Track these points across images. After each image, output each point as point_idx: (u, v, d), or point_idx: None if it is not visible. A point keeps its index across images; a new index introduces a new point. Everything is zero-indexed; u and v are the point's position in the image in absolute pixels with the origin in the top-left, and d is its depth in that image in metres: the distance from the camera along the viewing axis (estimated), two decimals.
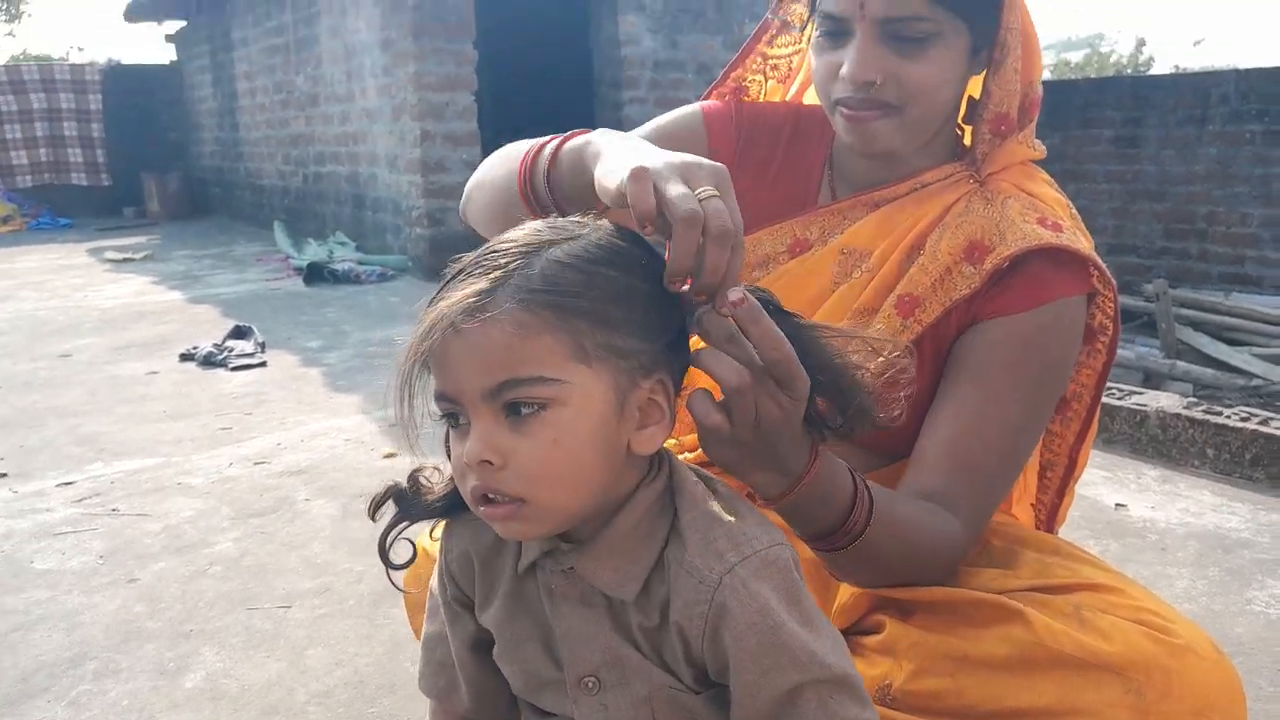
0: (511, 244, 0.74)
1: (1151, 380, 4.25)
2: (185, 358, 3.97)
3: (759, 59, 1.29)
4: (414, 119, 5.94)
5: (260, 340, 4.16)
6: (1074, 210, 1.12)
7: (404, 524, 0.87)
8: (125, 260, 7.17)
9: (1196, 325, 4.90)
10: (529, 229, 0.76)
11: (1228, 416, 2.44)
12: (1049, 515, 1.24)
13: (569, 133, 0.98)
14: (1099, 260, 1.04)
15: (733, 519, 0.77)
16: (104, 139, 10.86)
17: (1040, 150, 1.12)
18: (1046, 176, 1.14)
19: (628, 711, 0.80)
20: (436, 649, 0.92)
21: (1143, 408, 2.56)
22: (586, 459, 0.74)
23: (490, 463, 0.72)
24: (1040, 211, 1.05)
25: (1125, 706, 0.86)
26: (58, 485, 2.56)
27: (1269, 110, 5.47)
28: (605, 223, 0.77)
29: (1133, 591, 0.97)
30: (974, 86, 1.11)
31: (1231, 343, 4.69)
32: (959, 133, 1.15)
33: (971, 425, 1.00)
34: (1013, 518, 1.22)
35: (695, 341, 0.79)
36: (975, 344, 1.03)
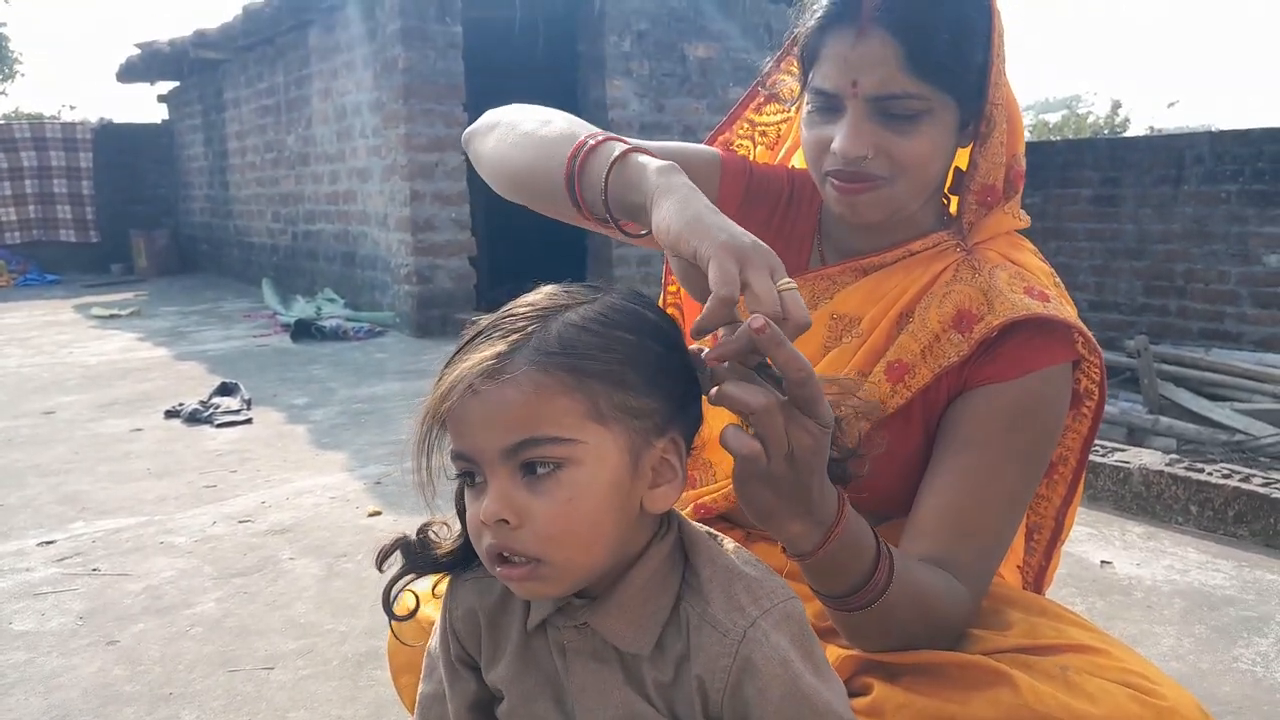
0: (529, 308, 0.77)
1: (1135, 435, 4.28)
2: (170, 415, 3.95)
3: (746, 125, 1.32)
4: (404, 179, 6.01)
5: (246, 397, 4.15)
6: (1058, 279, 1.14)
7: (410, 577, 0.88)
8: (111, 316, 7.16)
9: (1178, 381, 4.95)
10: (545, 293, 0.79)
11: (1209, 474, 2.46)
12: (1036, 577, 1.24)
13: (606, 135, 1.01)
14: (1084, 328, 1.07)
15: (750, 572, 0.80)
16: (93, 196, 10.93)
17: (1025, 220, 1.14)
18: (1031, 246, 1.16)
19: None
20: (432, 709, 0.92)
21: (1126, 465, 2.57)
22: (601, 518, 0.75)
23: (507, 522, 0.73)
24: (1027, 281, 1.08)
25: None
26: (38, 544, 2.53)
27: (1243, 171, 5.59)
28: (619, 288, 0.81)
29: (1118, 653, 0.97)
30: (960, 158, 1.13)
31: (1213, 398, 4.73)
32: (945, 202, 1.18)
33: (970, 491, 1.02)
34: (1000, 578, 1.23)
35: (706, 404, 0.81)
36: (968, 411, 1.05)
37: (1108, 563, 2.25)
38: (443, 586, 0.90)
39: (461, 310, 6.05)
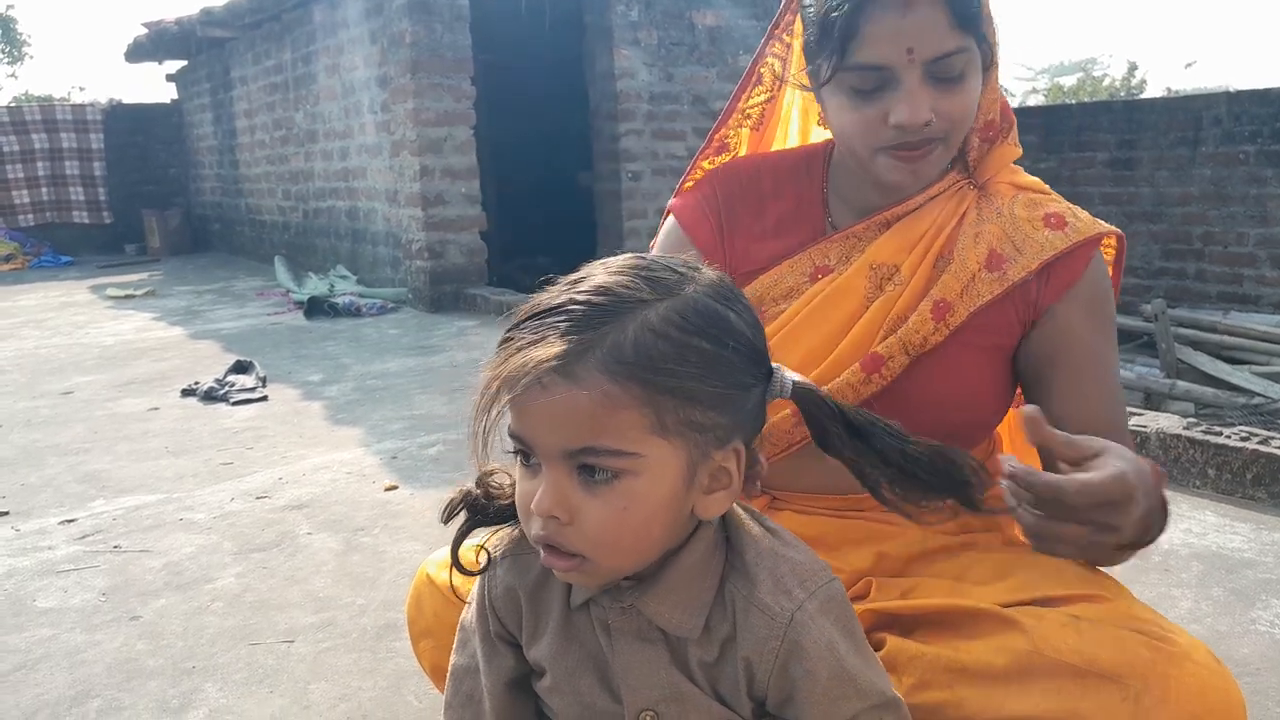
0: (607, 293, 0.74)
1: (1152, 400, 4.26)
2: (186, 393, 3.98)
3: (738, 115, 1.35)
4: (413, 154, 5.99)
5: (261, 375, 4.17)
6: (1046, 187, 1.20)
7: (474, 530, 0.88)
8: (127, 297, 7.20)
9: (1196, 345, 4.91)
10: (626, 273, 0.76)
11: (1228, 436, 2.44)
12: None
13: None
14: (1099, 229, 1.13)
15: (795, 554, 0.80)
16: (105, 177, 10.95)
17: (1019, 146, 1.19)
18: (1020, 168, 1.22)
19: None
20: (464, 681, 0.92)
21: (1143, 429, 2.56)
22: (652, 527, 0.75)
23: (557, 518, 0.73)
24: (1043, 208, 1.14)
25: (1123, 713, 0.87)
26: (60, 523, 2.56)
27: (1261, 131, 5.51)
28: (707, 274, 0.79)
29: (1129, 601, 0.98)
30: None
31: (1230, 361, 4.70)
32: None
33: (1099, 395, 1.10)
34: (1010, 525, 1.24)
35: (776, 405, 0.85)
36: (1058, 326, 1.12)
37: None
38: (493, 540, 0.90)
39: (473, 285, 6.05)
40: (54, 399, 4.02)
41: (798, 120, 1.34)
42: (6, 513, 2.66)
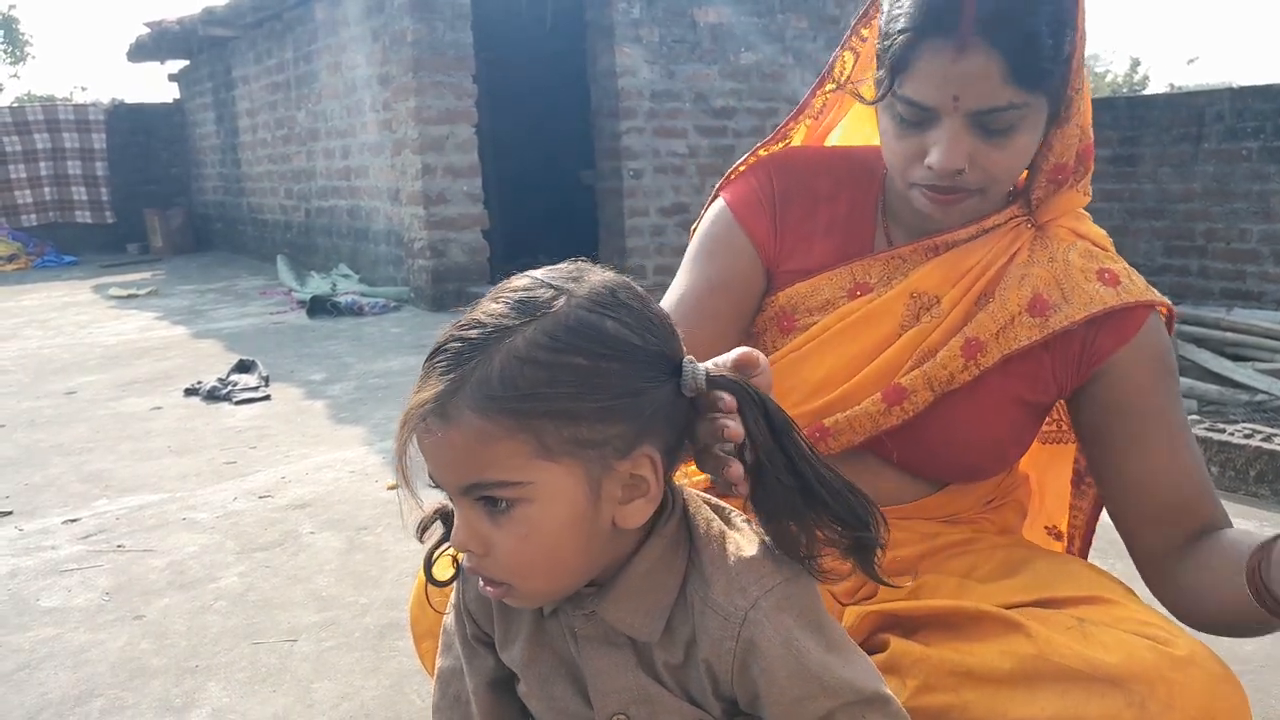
0: (477, 325, 0.72)
1: None
2: (189, 393, 3.98)
3: (808, 112, 1.28)
4: (415, 152, 5.99)
5: (264, 374, 4.17)
6: (1112, 249, 1.14)
7: (448, 545, 0.87)
8: (129, 296, 7.21)
9: (1199, 341, 4.90)
10: (504, 297, 0.74)
11: (1231, 434, 2.44)
12: (1088, 521, 1.27)
13: None
14: (1157, 299, 1.08)
15: (752, 552, 0.78)
16: (108, 177, 10.96)
17: (1089, 194, 1.13)
18: (1087, 215, 1.16)
19: None
20: (451, 684, 0.92)
21: None
22: (562, 548, 0.74)
23: (473, 551, 0.74)
24: (1099, 262, 1.08)
25: (1128, 719, 0.86)
26: (63, 523, 2.56)
27: (1264, 127, 5.50)
28: (589, 281, 0.75)
29: (1134, 605, 0.98)
30: None
31: (1234, 358, 4.68)
32: None
33: (1170, 453, 1.04)
34: (1022, 535, 1.24)
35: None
36: (1117, 377, 1.06)
37: None
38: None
39: (476, 284, 6.05)
40: (57, 399, 4.03)
41: (860, 119, 1.28)
42: (10, 512, 2.66)
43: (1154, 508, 1.05)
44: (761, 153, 1.24)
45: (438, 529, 0.87)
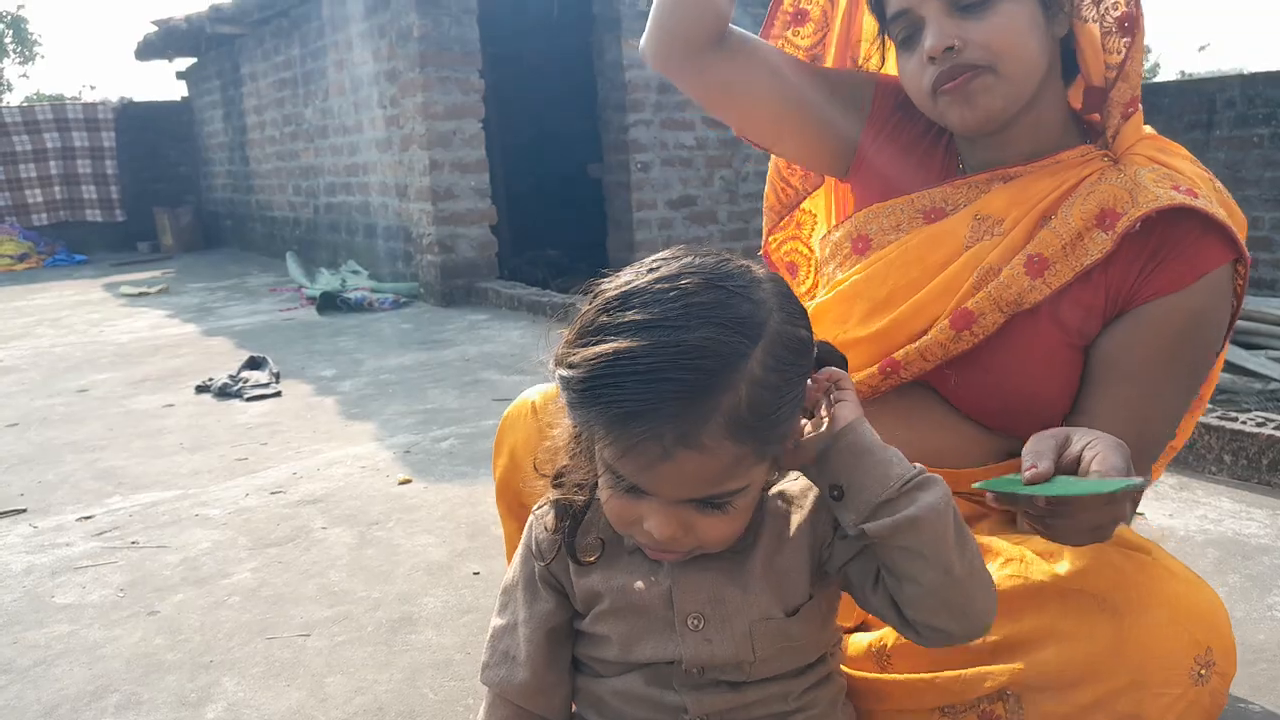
0: (712, 355, 0.77)
1: None
2: (201, 390, 4.00)
3: (785, 44, 1.38)
4: (422, 148, 5.99)
5: (275, 370, 4.19)
6: (1219, 184, 1.13)
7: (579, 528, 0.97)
8: (140, 295, 7.24)
9: None
10: (715, 316, 0.78)
11: (1244, 422, 2.43)
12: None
13: None
14: (1232, 227, 1.05)
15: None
16: (117, 175, 11.00)
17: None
18: (1185, 151, 1.15)
19: (729, 645, 0.90)
20: (502, 640, 1.00)
21: None
22: (747, 517, 0.88)
23: (681, 539, 0.84)
24: (1175, 180, 1.07)
25: (1105, 625, 0.88)
26: (77, 520, 2.58)
27: (1276, 114, 5.46)
28: (768, 289, 0.83)
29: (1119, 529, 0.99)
30: (1094, 68, 1.13)
31: (1247, 346, 4.66)
32: (1086, 125, 1.18)
33: (1130, 422, 1.02)
34: None
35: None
36: (1129, 338, 1.06)
37: (1140, 514, 2.23)
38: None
39: (485, 279, 6.06)
40: (70, 396, 4.05)
41: None
42: (25, 510, 2.68)
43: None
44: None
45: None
